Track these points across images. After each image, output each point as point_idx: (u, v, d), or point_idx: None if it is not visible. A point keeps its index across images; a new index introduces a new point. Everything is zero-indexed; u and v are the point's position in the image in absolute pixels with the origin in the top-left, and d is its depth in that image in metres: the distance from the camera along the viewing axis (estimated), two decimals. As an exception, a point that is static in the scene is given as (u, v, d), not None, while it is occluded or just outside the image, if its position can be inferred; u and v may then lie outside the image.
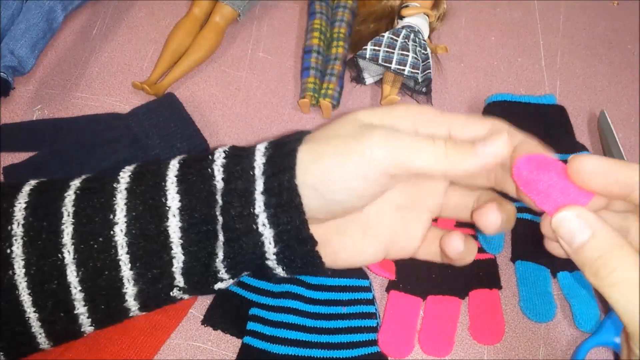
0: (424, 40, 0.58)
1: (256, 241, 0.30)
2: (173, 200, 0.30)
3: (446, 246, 0.32)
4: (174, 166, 0.32)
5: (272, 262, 0.31)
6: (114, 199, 0.31)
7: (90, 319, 0.32)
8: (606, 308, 0.46)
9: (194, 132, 0.53)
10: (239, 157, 0.31)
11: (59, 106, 0.56)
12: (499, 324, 0.45)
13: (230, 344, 0.44)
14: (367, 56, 0.56)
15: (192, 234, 0.30)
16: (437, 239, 0.34)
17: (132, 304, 0.32)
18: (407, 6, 0.59)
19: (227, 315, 0.45)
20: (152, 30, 0.63)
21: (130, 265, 0.30)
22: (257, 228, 0.30)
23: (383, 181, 0.29)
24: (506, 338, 0.45)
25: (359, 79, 0.59)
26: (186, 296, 0.33)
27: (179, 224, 0.30)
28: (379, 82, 0.59)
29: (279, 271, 0.32)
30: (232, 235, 0.30)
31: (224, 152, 0.31)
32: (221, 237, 0.30)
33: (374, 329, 0.44)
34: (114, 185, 0.31)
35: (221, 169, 0.31)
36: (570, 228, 0.25)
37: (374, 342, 0.44)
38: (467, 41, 0.64)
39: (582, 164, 0.26)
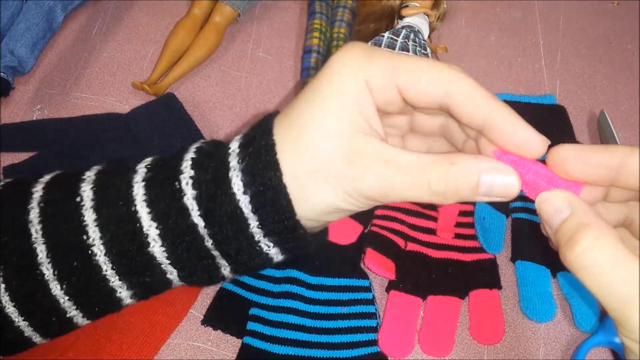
0: (424, 40, 0.58)
1: (261, 254, 0.29)
2: (150, 227, 0.28)
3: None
4: (139, 187, 0.29)
5: (276, 258, 0.30)
6: (83, 218, 0.29)
7: (85, 318, 0.31)
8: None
9: (194, 132, 0.53)
10: (213, 186, 0.28)
11: (59, 106, 0.56)
12: (499, 324, 0.45)
13: (230, 344, 0.44)
14: (367, 56, 0.56)
15: (181, 257, 0.29)
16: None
17: (127, 300, 0.31)
18: (407, 6, 0.59)
19: (227, 315, 0.45)
20: (152, 30, 0.63)
21: (118, 277, 0.30)
22: (260, 247, 0.28)
23: (367, 206, 0.28)
24: (506, 338, 0.45)
25: (359, 79, 0.59)
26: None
27: (163, 249, 0.29)
28: (379, 82, 0.59)
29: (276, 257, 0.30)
30: (237, 259, 0.29)
31: (192, 160, 0.29)
32: (224, 262, 0.29)
33: (374, 329, 0.44)
34: (77, 201, 0.29)
35: (195, 205, 0.28)
36: (551, 207, 0.25)
37: (374, 342, 0.44)
38: (467, 41, 0.64)
39: (558, 152, 0.26)
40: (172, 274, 0.30)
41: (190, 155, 0.29)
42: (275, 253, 0.29)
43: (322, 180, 0.26)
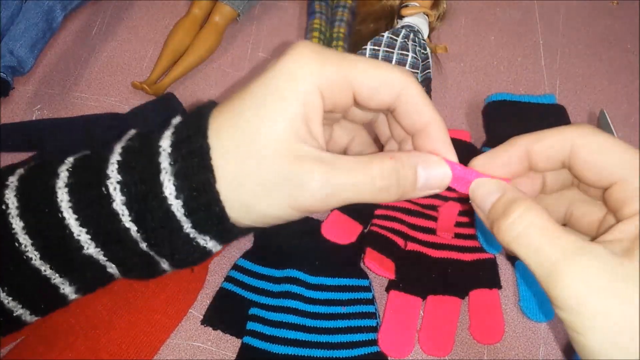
0: (424, 40, 0.58)
1: (199, 248, 0.28)
2: (81, 233, 0.28)
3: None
4: (62, 193, 0.28)
5: (214, 249, 0.29)
6: (12, 226, 0.28)
7: (33, 315, 0.31)
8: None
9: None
10: (136, 170, 0.27)
11: (58, 106, 0.56)
12: (499, 323, 0.45)
13: (230, 344, 0.44)
14: (367, 56, 0.56)
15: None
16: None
17: (68, 290, 0.30)
18: (406, 6, 0.59)
19: (227, 315, 0.45)
20: (152, 30, 0.63)
21: (59, 275, 0.29)
22: (198, 242, 0.28)
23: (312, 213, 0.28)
24: (506, 338, 0.45)
25: (358, 79, 0.59)
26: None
27: (98, 250, 0.28)
28: (379, 82, 0.59)
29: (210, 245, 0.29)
30: (176, 257, 0.28)
31: (118, 163, 0.27)
32: (164, 262, 0.29)
33: (374, 329, 0.44)
34: (3, 208, 0.29)
35: (123, 205, 0.27)
36: (485, 190, 0.27)
37: (373, 342, 0.44)
38: (467, 41, 0.64)
39: (472, 163, 0.28)
40: (112, 268, 0.29)
41: (116, 157, 0.27)
42: (213, 245, 0.28)
43: (264, 193, 0.25)
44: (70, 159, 0.29)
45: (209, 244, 0.28)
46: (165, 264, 0.29)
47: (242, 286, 0.46)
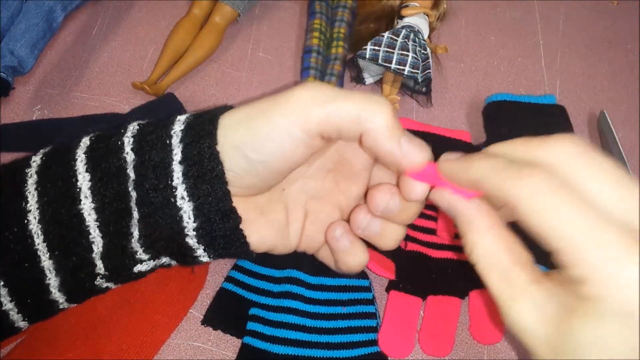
0: (424, 40, 0.58)
1: (174, 215, 0.28)
2: (84, 180, 0.28)
3: (328, 237, 0.31)
4: (84, 143, 0.30)
5: (192, 239, 0.28)
6: (25, 185, 0.29)
7: (20, 315, 0.30)
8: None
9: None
10: (155, 126, 0.29)
11: (59, 106, 0.56)
12: (499, 324, 0.45)
13: (230, 344, 0.44)
14: (367, 56, 0.56)
15: (107, 213, 0.28)
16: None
17: (57, 295, 0.30)
18: (407, 6, 0.59)
19: (227, 315, 0.45)
20: (152, 30, 0.63)
21: (49, 254, 0.29)
22: (175, 201, 0.27)
23: (308, 141, 0.27)
24: (506, 338, 0.45)
25: (358, 79, 0.59)
26: (111, 285, 0.31)
27: (92, 205, 0.28)
28: (379, 82, 0.59)
29: (200, 252, 0.29)
30: (147, 210, 0.28)
31: (138, 124, 0.29)
32: (135, 214, 0.28)
33: (374, 329, 0.44)
34: (26, 171, 0.29)
35: (131, 140, 0.28)
36: (443, 205, 0.27)
37: (374, 342, 0.44)
38: (467, 41, 0.64)
39: (440, 165, 0.27)
40: (98, 246, 0.29)
41: (135, 126, 0.29)
42: (188, 210, 0.28)
43: (269, 111, 0.27)
44: (87, 141, 0.30)
45: (185, 205, 0.28)
46: (139, 241, 0.29)
47: (242, 286, 0.46)
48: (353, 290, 0.46)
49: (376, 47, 0.56)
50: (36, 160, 0.30)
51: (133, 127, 0.29)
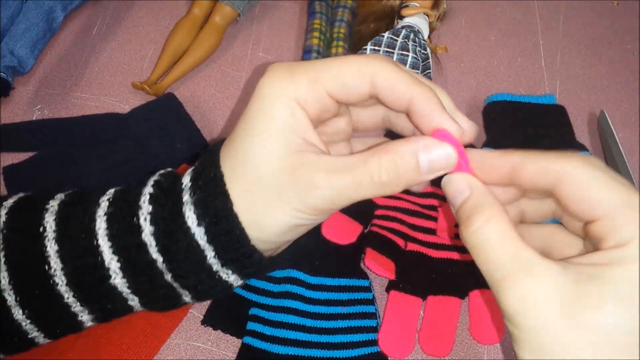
0: (424, 40, 0.58)
1: (208, 272, 0.29)
2: (111, 260, 0.29)
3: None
4: (101, 221, 0.30)
5: (229, 278, 0.30)
6: (45, 249, 0.30)
7: (46, 338, 0.32)
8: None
9: (194, 132, 0.54)
10: (169, 215, 0.29)
11: (59, 106, 0.56)
12: (499, 324, 0.45)
13: (230, 344, 0.44)
14: (367, 56, 0.56)
15: (141, 287, 0.30)
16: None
17: (88, 323, 0.32)
18: (407, 6, 0.59)
19: (227, 315, 0.45)
20: (152, 30, 0.63)
21: (79, 304, 0.30)
22: (211, 266, 0.29)
23: (321, 216, 0.28)
24: (506, 338, 0.45)
25: (359, 79, 0.59)
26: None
27: (124, 280, 0.29)
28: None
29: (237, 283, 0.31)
30: (185, 283, 0.29)
31: (149, 195, 0.29)
32: (169, 278, 0.30)
33: (374, 329, 0.44)
34: (41, 232, 0.30)
35: (150, 229, 0.29)
36: (454, 188, 0.26)
37: (374, 342, 0.44)
38: (467, 41, 0.64)
39: (470, 151, 0.27)
40: (134, 301, 0.31)
41: (148, 189, 0.29)
42: (234, 279, 0.29)
43: (273, 203, 0.27)
44: (112, 191, 0.31)
45: (231, 277, 0.29)
46: (187, 297, 0.31)
47: (242, 286, 0.46)
48: (353, 290, 0.46)
49: (376, 47, 0.56)
50: (49, 221, 0.30)
51: (146, 208, 0.29)
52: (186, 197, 0.28)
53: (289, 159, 0.26)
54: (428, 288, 0.46)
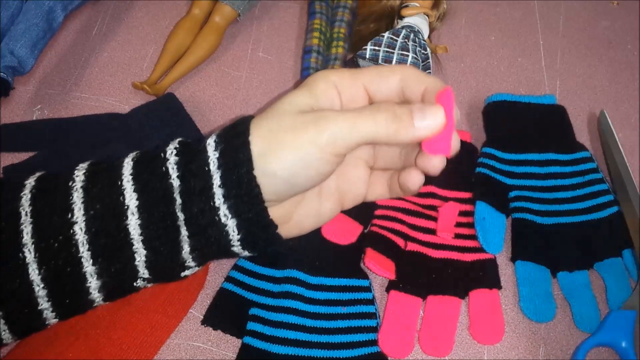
0: (424, 40, 0.58)
1: (220, 231, 0.31)
2: (131, 199, 0.31)
3: (407, 181, 0.34)
4: (128, 164, 0.32)
5: (237, 247, 0.32)
6: (71, 198, 0.31)
7: (54, 313, 0.32)
8: (606, 308, 0.46)
9: (194, 132, 0.53)
10: (192, 154, 0.32)
11: (59, 106, 0.56)
12: (499, 324, 0.45)
13: (230, 344, 0.44)
14: (367, 56, 0.56)
15: (153, 230, 0.31)
16: (381, 179, 0.37)
17: (96, 295, 0.32)
18: (407, 6, 0.59)
19: (227, 315, 0.45)
20: (152, 30, 0.63)
21: (92, 261, 0.31)
22: (220, 220, 0.31)
23: (339, 160, 0.31)
24: (506, 338, 0.46)
25: (359, 79, 0.59)
26: (150, 285, 0.34)
27: (139, 222, 0.31)
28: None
29: (245, 254, 0.34)
30: (196, 229, 0.31)
31: (175, 148, 0.32)
32: (184, 232, 0.31)
33: (374, 329, 0.44)
34: (70, 184, 0.32)
35: (175, 167, 0.31)
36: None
37: (374, 342, 0.44)
38: (467, 41, 0.64)
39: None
40: (140, 256, 0.31)
41: (174, 145, 0.32)
42: (231, 226, 0.31)
43: (288, 135, 0.30)
44: (130, 155, 0.33)
45: (229, 222, 0.31)
46: (186, 254, 0.32)
47: (242, 286, 0.46)
48: (353, 290, 0.46)
49: (376, 47, 0.56)
50: (79, 176, 0.32)
51: (172, 154, 0.32)
52: (210, 141, 0.31)
53: (310, 109, 0.31)
54: (428, 288, 0.46)
